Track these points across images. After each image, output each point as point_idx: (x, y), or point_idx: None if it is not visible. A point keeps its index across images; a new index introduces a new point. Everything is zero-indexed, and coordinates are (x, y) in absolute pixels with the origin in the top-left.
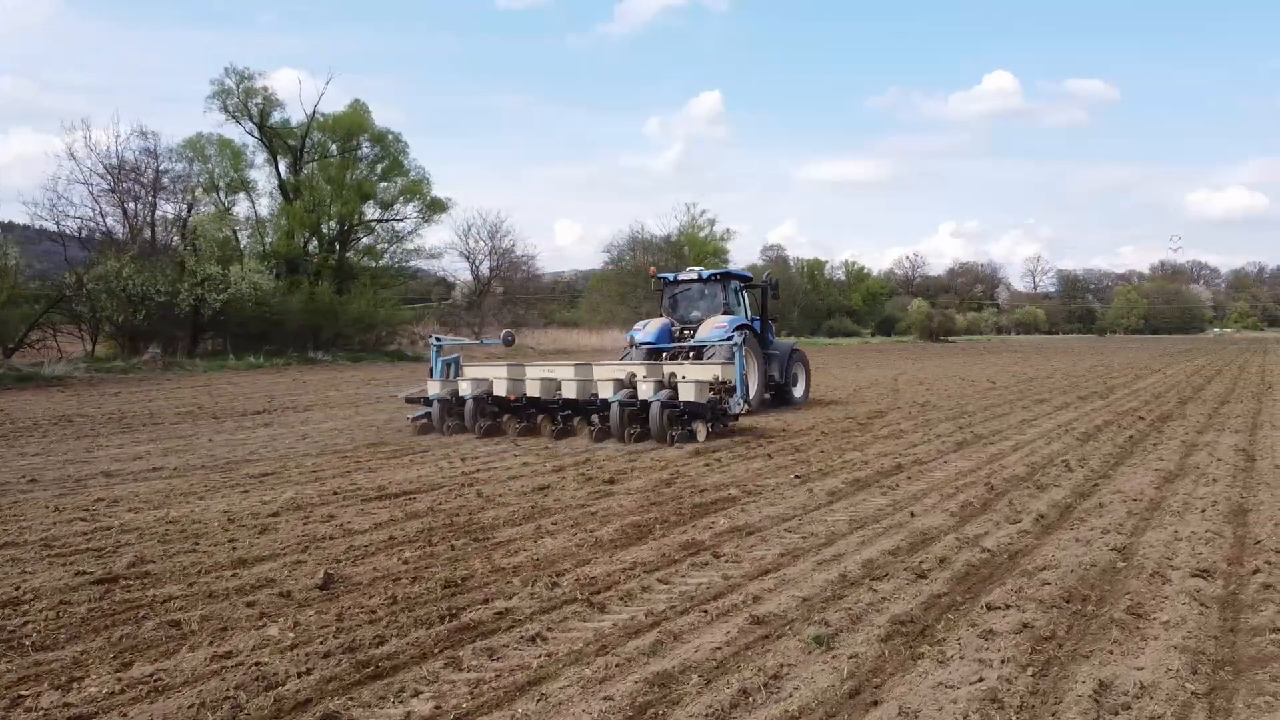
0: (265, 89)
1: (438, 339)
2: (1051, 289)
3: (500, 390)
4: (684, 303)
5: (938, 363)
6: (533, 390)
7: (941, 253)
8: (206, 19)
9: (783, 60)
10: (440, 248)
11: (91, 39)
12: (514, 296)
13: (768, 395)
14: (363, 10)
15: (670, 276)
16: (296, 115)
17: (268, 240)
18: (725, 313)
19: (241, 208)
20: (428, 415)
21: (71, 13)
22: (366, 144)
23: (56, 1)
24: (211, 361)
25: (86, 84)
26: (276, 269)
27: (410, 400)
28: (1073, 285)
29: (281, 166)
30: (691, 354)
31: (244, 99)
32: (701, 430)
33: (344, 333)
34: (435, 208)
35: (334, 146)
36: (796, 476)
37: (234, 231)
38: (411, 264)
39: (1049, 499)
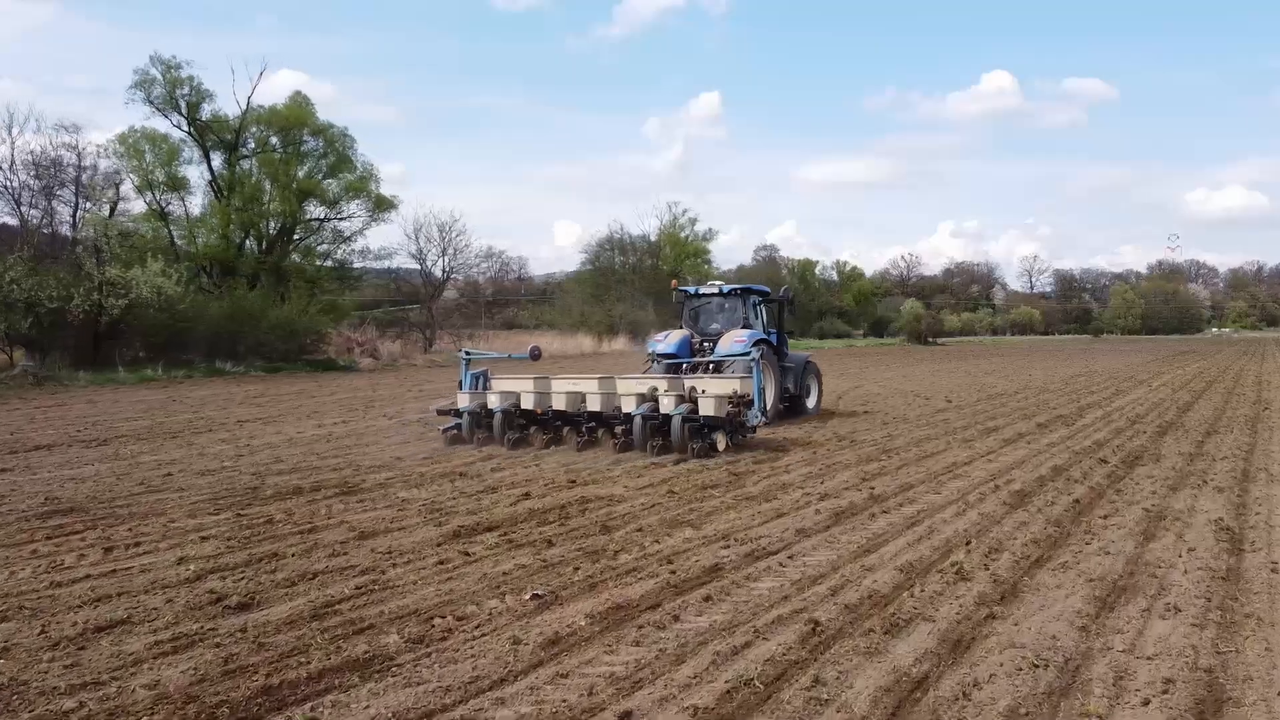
0: (192, 79)
1: (466, 352)
2: (1048, 289)
3: (528, 403)
4: (704, 316)
5: (910, 370)
6: (559, 403)
7: (940, 252)
8: (205, 21)
9: (781, 61)
10: (392, 248)
11: (90, 41)
12: (467, 299)
13: (782, 406)
14: (360, 13)
15: (692, 290)
16: (233, 109)
17: (200, 241)
18: (744, 326)
19: (177, 206)
20: (458, 426)
21: (70, 15)
22: (309, 139)
23: (55, 4)
24: (99, 375)
25: (85, 86)
26: (210, 271)
27: (441, 412)
28: (1069, 285)
29: (216, 163)
30: (711, 367)
31: (170, 90)
32: (721, 441)
33: (264, 340)
34: (381, 205)
35: (275, 140)
36: (535, 595)
37: (170, 231)
38: (357, 265)
39: (891, 665)
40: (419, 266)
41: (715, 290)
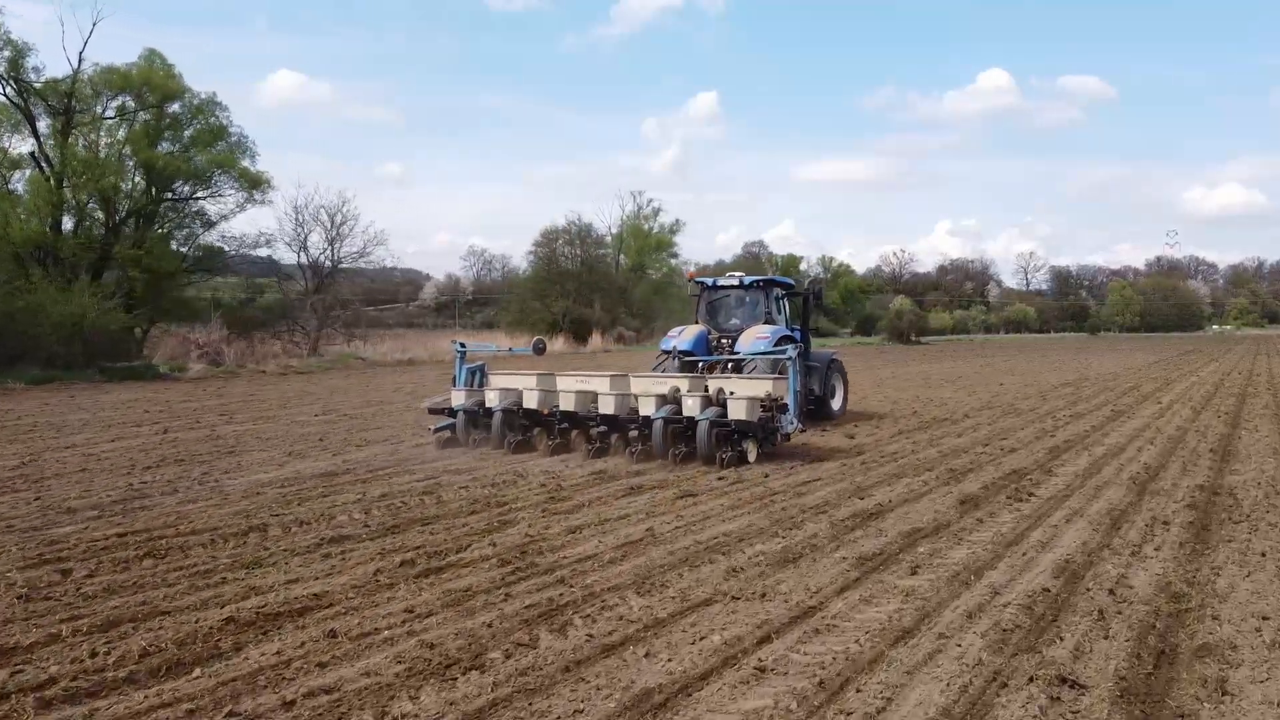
0: (3, 30)
1: (461, 345)
2: (1045, 286)
3: (531, 402)
4: (722, 310)
5: (861, 377)
6: (567, 403)
7: (938, 251)
8: (204, 21)
9: (778, 60)
10: (271, 234)
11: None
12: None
13: (809, 409)
14: (357, 14)
15: (709, 281)
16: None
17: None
18: (766, 322)
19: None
20: (451, 427)
21: (68, 16)
22: (172, 106)
23: (55, 5)
24: None
25: None
26: (42, 261)
27: (433, 410)
28: (1066, 282)
29: (43, 131)
30: (730, 366)
31: None
32: (752, 450)
33: (43, 344)
34: (251, 182)
35: (130, 103)
36: None
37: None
38: (231, 253)
39: None
40: (296, 257)
41: (734, 282)
